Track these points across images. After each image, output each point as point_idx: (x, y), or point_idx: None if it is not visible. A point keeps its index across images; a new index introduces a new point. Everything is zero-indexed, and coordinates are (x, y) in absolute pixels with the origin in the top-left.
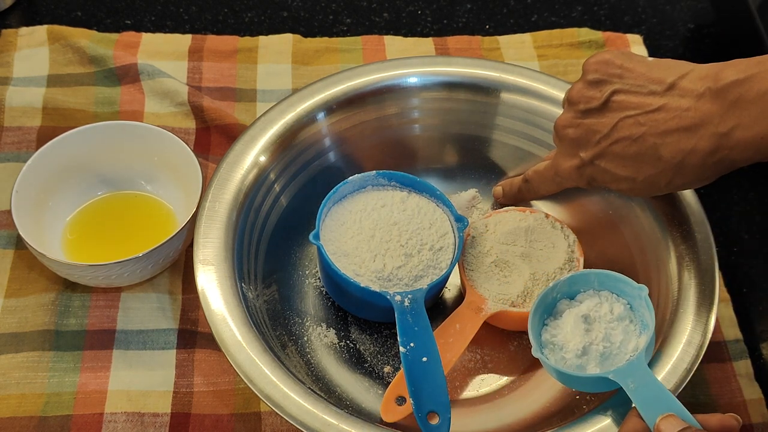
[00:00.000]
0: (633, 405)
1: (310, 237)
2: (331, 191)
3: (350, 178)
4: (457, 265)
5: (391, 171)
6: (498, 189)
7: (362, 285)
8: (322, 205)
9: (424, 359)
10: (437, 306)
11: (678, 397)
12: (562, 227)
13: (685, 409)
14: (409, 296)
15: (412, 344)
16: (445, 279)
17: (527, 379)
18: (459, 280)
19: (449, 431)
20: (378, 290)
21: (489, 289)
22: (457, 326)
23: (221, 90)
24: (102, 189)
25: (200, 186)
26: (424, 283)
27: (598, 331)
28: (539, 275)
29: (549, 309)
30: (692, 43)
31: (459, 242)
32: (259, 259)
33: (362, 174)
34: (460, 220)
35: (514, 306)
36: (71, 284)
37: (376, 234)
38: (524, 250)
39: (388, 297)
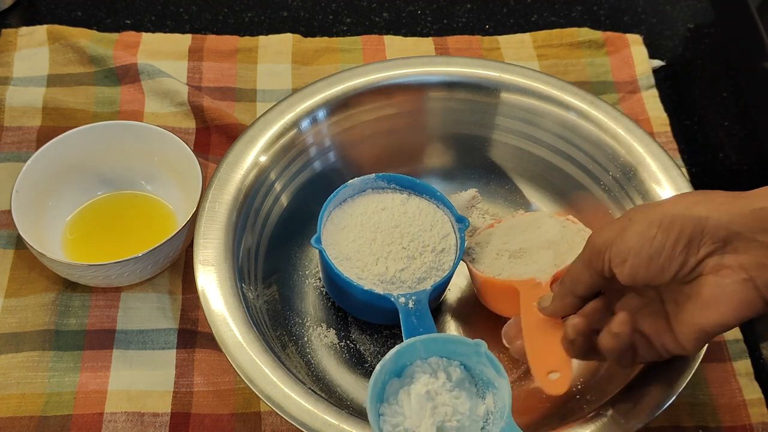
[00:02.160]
0: None
1: (312, 241)
2: (331, 195)
3: (350, 181)
4: (482, 275)
5: (391, 173)
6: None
7: (366, 288)
8: (322, 209)
9: None
10: (439, 307)
11: (678, 396)
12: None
13: None
14: (413, 298)
15: None
16: (447, 280)
17: (527, 379)
18: (461, 281)
19: None
20: (382, 293)
21: (526, 272)
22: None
23: (221, 90)
24: (102, 189)
25: (200, 186)
26: (428, 285)
27: (446, 406)
28: (561, 260)
29: (380, 396)
30: (692, 43)
31: (461, 243)
32: (259, 260)
33: (362, 177)
34: (461, 221)
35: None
36: (71, 284)
37: (378, 237)
38: (543, 242)
39: (392, 299)
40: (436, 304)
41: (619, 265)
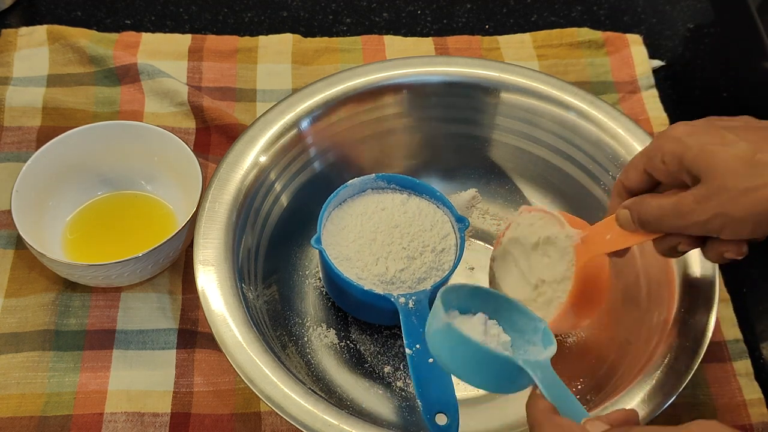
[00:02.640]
0: (536, 389)
1: (312, 242)
2: (331, 195)
3: (350, 181)
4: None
5: (391, 174)
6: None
7: (366, 288)
8: (322, 209)
9: (430, 360)
10: None
11: (678, 396)
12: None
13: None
14: (413, 298)
15: (417, 346)
16: (447, 280)
17: None
18: (461, 281)
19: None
20: (382, 293)
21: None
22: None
23: (221, 90)
24: (102, 189)
25: (200, 186)
26: (428, 285)
27: (493, 341)
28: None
29: (446, 304)
30: (692, 43)
31: (461, 243)
32: (259, 260)
33: (361, 177)
34: (461, 221)
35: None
36: (71, 284)
37: (378, 237)
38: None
39: (392, 299)
40: None
41: (731, 237)
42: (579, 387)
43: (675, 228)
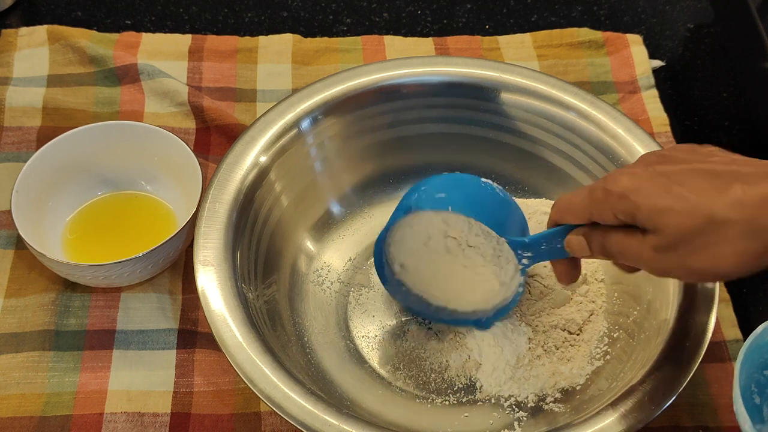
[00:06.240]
0: None
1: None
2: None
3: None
4: None
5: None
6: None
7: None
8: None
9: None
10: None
11: (678, 396)
12: None
13: None
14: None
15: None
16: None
17: None
18: None
19: None
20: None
21: None
22: None
23: (221, 90)
24: (102, 189)
25: (200, 186)
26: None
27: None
28: None
29: None
30: (692, 43)
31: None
32: (259, 260)
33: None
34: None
35: None
36: (71, 284)
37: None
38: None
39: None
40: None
41: (690, 281)
42: (578, 387)
43: (636, 265)
